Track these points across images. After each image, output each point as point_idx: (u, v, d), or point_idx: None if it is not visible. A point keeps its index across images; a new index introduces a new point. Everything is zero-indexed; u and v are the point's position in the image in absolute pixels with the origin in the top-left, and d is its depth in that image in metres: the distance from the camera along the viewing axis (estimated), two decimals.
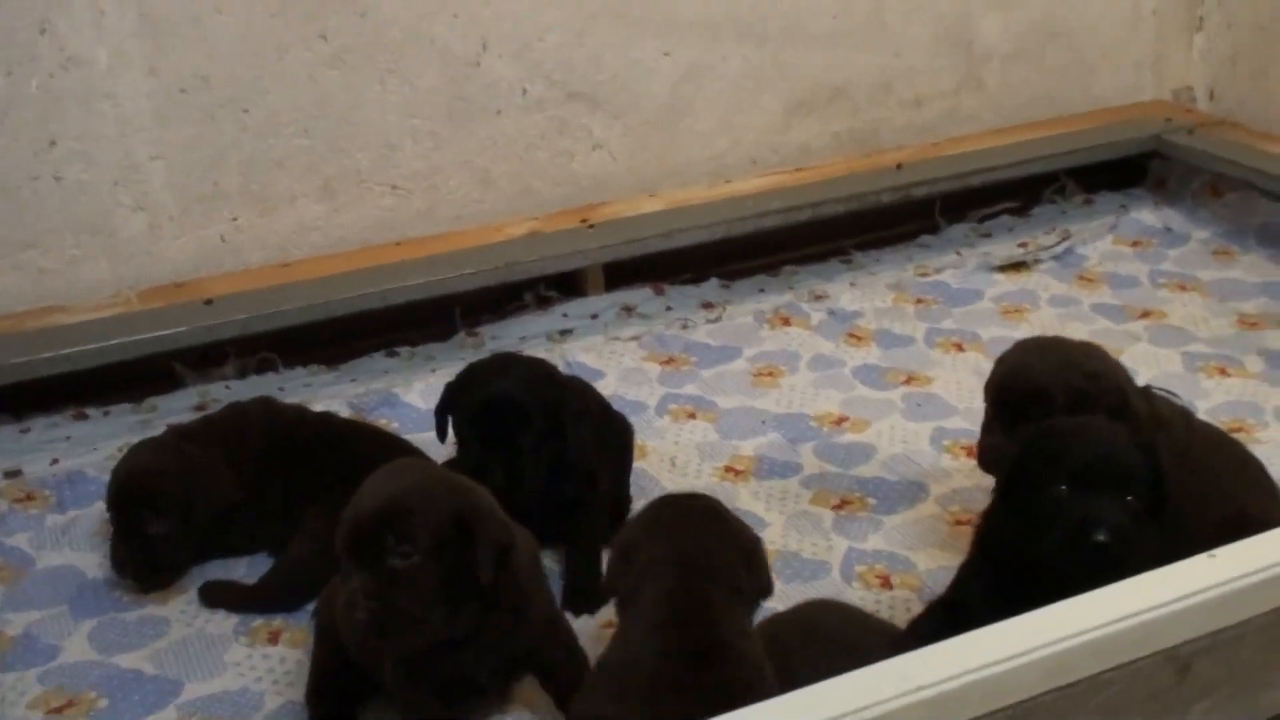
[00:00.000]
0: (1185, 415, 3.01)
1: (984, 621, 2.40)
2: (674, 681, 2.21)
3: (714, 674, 2.22)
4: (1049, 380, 2.92)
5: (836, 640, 2.53)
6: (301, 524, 3.08)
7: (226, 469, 3.18)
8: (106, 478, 3.48)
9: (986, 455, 2.99)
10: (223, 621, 3.04)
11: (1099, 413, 2.77)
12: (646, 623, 2.31)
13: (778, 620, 2.68)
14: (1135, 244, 4.73)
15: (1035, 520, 2.49)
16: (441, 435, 3.18)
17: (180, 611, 3.07)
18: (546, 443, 3.05)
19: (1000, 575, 2.58)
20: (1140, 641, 2.11)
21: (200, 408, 3.85)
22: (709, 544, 2.38)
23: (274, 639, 2.98)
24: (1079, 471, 2.47)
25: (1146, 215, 4.88)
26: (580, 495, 3.15)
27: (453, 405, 3.13)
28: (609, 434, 3.32)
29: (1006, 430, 2.94)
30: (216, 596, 3.09)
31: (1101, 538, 2.40)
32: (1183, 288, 4.43)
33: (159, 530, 3.06)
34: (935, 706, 2.00)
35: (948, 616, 2.62)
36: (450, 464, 3.09)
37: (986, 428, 3.04)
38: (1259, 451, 3.10)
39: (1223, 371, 3.90)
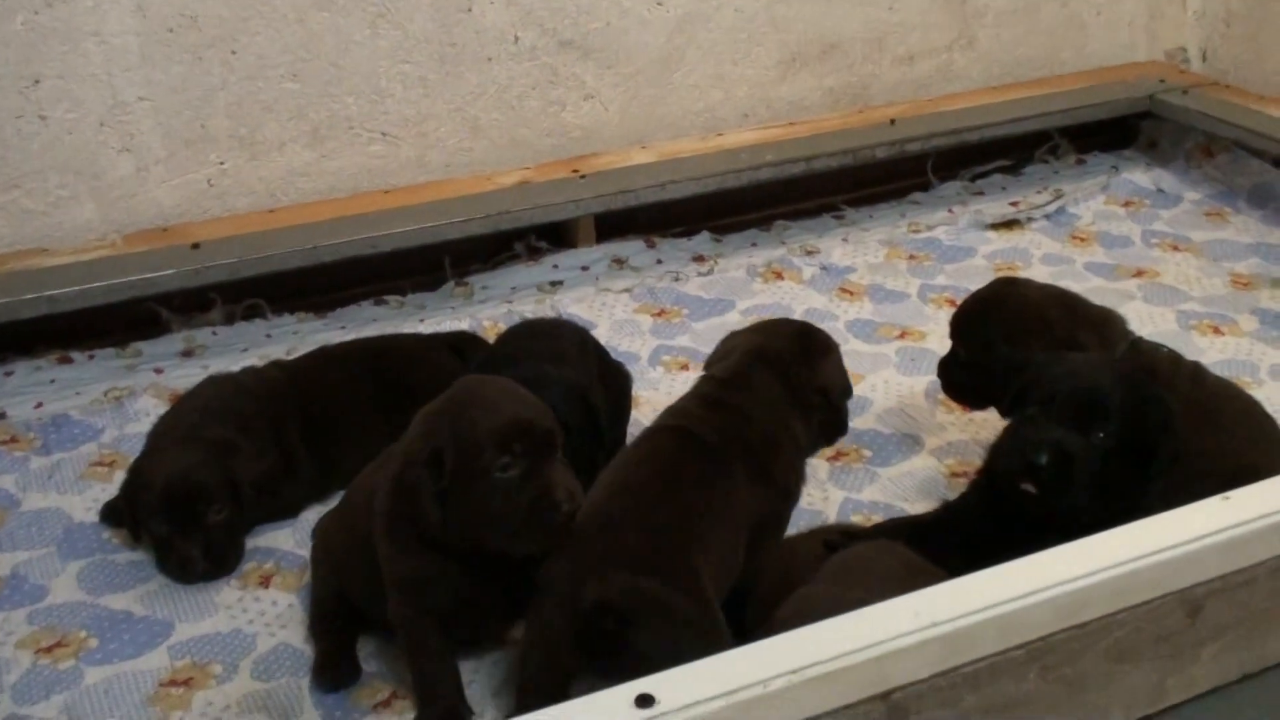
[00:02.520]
0: (1195, 369, 2.98)
1: (974, 529, 2.64)
2: (690, 415, 2.68)
3: (722, 420, 2.63)
4: (967, 310, 3.14)
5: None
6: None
7: (244, 440, 3.09)
8: (91, 421, 3.46)
9: (938, 370, 3.26)
10: None
11: (1036, 348, 2.89)
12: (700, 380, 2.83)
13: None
14: (1127, 204, 4.71)
15: (1006, 439, 2.60)
16: None
17: None
18: None
19: (993, 490, 2.66)
20: (1154, 582, 2.10)
21: (187, 353, 3.82)
22: (778, 339, 2.80)
23: (265, 582, 2.94)
24: (1049, 398, 2.54)
25: (1139, 176, 4.86)
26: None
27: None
28: (607, 381, 3.28)
29: (954, 352, 3.18)
30: None
31: (1039, 460, 2.46)
32: (1175, 248, 4.42)
33: (219, 519, 2.95)
34: (949, 643, 1.98)
35: (946, 515, 2.77)
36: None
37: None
38: None
39: (1216, 330, 3.89)
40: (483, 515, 2.37)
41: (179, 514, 2.93)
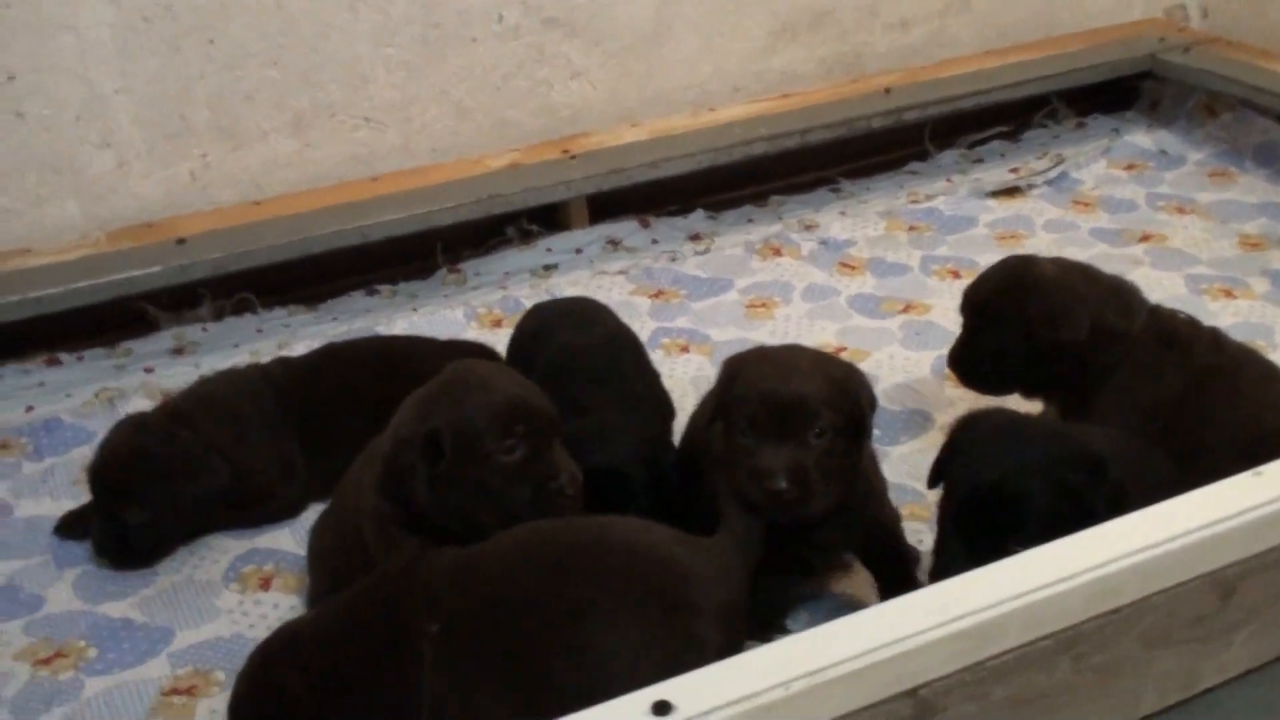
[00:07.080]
0: (1214, 335, 2.89)
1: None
2: None
3: None
4: (989, 295, 2.95)
5: None
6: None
7: (219, 450, 2.98)
8: (83, 424, 3.39)
9: (952, 361, 3.08)
10: (211, 568, 2.92)
11: (1062, 333, 2.80)
12: None
13: None
14: (1130, 167, 4.63)
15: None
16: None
17: (168, 559, 2.94)
18: None
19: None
20: (1185, 563, 2.03)
21: (177, 350, 3.73)
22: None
23: (265, 585, 2.87)
24: (964, 501, 2.35)
25: (1140, 138, 4.78)
26: None
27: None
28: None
29: (965, 339, 3.02)
30: None
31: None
32: (1181, 210, 4.33)
33: (138, 520, 2.87)
34: (975, 637, 1.91)
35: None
36: None
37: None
38: None
39: (1228, 294, 3.81)
40: (482, 499, 2.32)
41: (98, 500, 2.92)
